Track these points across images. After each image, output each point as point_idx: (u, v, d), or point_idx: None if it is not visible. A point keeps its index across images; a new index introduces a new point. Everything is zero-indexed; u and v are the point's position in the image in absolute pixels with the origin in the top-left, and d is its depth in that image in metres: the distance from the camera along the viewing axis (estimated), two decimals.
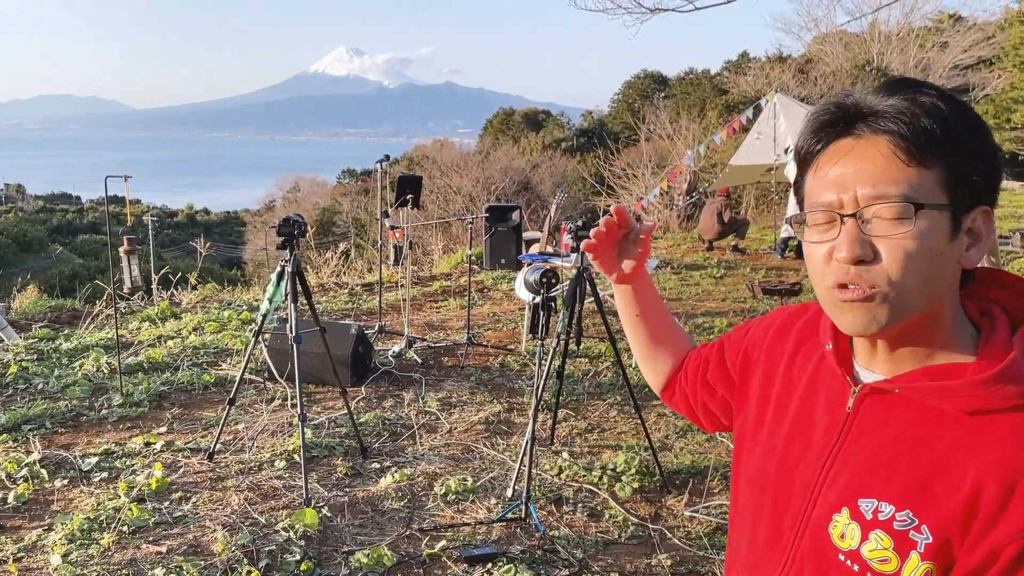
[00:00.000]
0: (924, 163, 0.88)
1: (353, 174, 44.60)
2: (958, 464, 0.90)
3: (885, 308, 0.90)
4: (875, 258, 0.89)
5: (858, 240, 0.89)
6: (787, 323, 1.21)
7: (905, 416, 0.96)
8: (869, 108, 0.91)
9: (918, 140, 0.87)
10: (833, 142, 0.93)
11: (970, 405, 0.90)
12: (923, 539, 0.90)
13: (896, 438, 0.96)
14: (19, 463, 4.03)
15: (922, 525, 0.90)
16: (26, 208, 60.66)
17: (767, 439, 1.13)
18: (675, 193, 17.01)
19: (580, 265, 4.11)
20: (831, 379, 1.07)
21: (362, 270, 10.94)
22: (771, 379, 1.17)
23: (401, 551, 3.32)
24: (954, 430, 0.91)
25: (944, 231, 0.89)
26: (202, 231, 40.69)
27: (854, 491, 0.97)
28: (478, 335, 6.75)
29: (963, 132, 0.88)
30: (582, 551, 3.39)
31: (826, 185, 0.93)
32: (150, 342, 6.34)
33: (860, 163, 0.90)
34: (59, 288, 11.91)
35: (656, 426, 4.84)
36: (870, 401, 0.99)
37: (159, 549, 3.28)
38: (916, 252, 0.88)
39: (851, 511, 0.97)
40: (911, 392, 0.95)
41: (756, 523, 1.13)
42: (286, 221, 3.89)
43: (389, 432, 4.64)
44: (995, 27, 26.57)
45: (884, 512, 0.93)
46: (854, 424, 1.00)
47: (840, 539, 0.97)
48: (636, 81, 39.53)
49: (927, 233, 0.88)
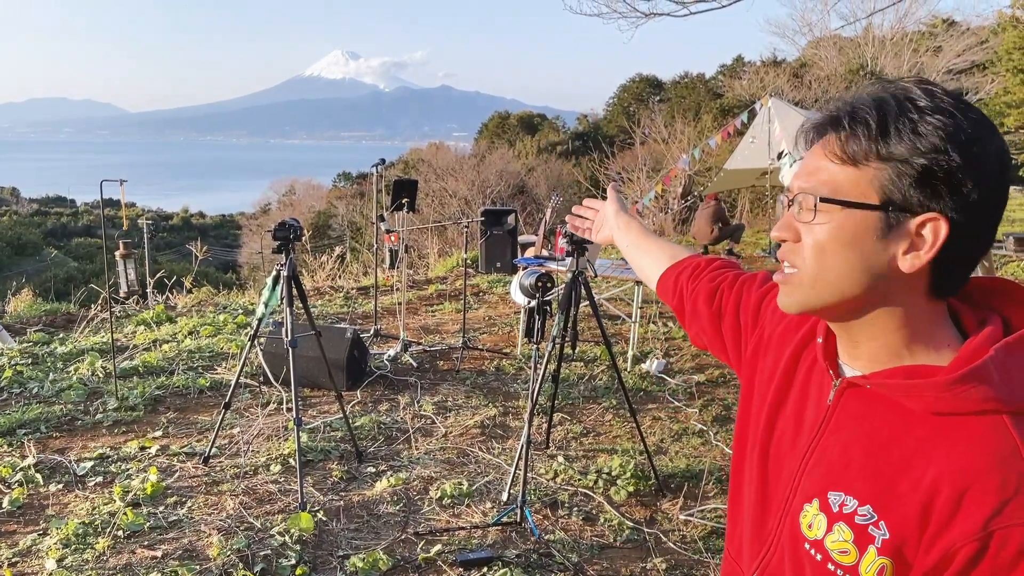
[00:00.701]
0: (855, 163, 0.92)
1: (349, 177, 44.59)
2: (920, 464, 0.91)
3: (797, 290, 0.99)
4: (797, 242, 0.98)
5: (786, 223, 0.99)
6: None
7: (879, 413, 0.98)
8: (832, 111, 0.97)
9: (850, 140, 0.92)
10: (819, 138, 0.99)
11: (936, 406, 0.91)
12: (881, 535, 0.93)
13: (869, 434, 0.98)
14: (14, 467, 4.03)
15: (880, 521, 0.93)
16: (21, 211, 60.48)
17: (764, 428, 1.16)
18: (670, 197, 17.04)
19: (575, 269, 4.12)
20: (821, 372, 1.10)
21: (358, 274, 10.94)
22: (776, 366, 1.19)
23: (397, 555, 3.32)
24: (922, 430, 0.93)
25: (870, 229, 0.91)
26: (198, 234, 40.63)
27: (826, 483, 1.00)
28: (474, 339, 6.76)
29: (908, 135, 0.88)
30: (577, 555, 3.40)
31: (795, 176, 1.01)
32: (145, 346, 6.33)
33: (810, 158, 0.98)
34: (54, 292, 11.89)
35: (651, 430, 4.85)
36: (848, 395, 1.02)
37: (154, 553, 3.27)
38: (826, 243, 0.94)
39: (820, 502, 1.00)
40: (882, 389, 0.97)
41: (748, 508, 1.17)
42: (282, 225, 3.89)
43: (384, 436, 4.64)
44: (988, 31, 26.68)
45: (848, 506, 0.96)
46: (833, 417, 1.03)
47: (808, 528, 1.01)
48: (631, 85, 39.61)
49: (843, 227, 0.93)
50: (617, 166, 21.45)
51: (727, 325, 1.33)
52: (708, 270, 1.43)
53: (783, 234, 0.99)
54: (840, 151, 0.93)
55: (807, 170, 0.98)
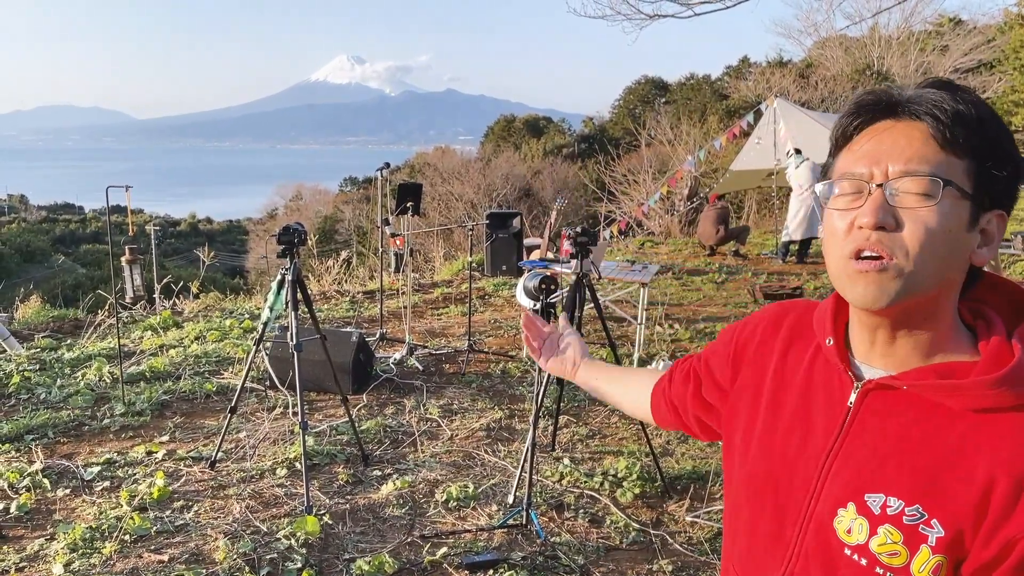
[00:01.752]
0: (956, 152, 0.91)
1: (355, 182, 44.72)
2: (968, 459, 0.91)
3: (896, 281, 0.92)
4: (896, 228, 0.91)
5: (882, 207, 0.92)
6: (776, 319, 1.21)
7: (909, 412, 0.97)
8: (911, 96, 0.94)
9: (954, 129, 0.90)
10: (873, 122, 0.96)
11: (979, 404, 0.92)
12: (934, 533, 0.92)
13: (902, 434, 0.97)
14: (21, 473, 4.04)
15: (932, 519, 0.92)
16: (29, 219, 60.79)
17: (762, 437, 1.13)
18: (676, 198, 17.02)
19: (580, 271, 4.12)
20: (829, 374, 1.07)
21: (364, 278, 10.95)
22: (763, 376, 1.17)
23: (402, 558, 3.32)
24: (961, 427, 0.93)
25: (963, 219, 0.92)
26: (205, 240, 40.78)
27: (860, 486, 0.98)
28: (479, 342, 6.76)
29: (994, 134, 0.92)
30: (583, 557, 3.39)
31: (860, 158, 0.96)
32: (152, 351, 6.35)
33: (896, 140, 0.93)
34: (62, 298, 11.93)
35: (657, 432, 4.84)
36: (873, 397, 1.00)
37: (161, 558, 3.28)
38: (936, 229, 0.90)
39: (858, 506, 0.97)
40: (919, 390, 0.96)
41: (756, 520, 1.12)
42: (286, 230, 3.90)
43: (390, 439, 4.64)
44: (995, 30, 26.57)
45: (893, 507, 0.94)
46: (856, 419, 1.01)
47: (847, 534, 0.98)
48: (637, 87, 39.59)
49: (948, 214, 0.91)
50: (623, 168, 21.43)
51: (706, 386, 1.30)
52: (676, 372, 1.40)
53: (886, 219, 0.92)
54: (947, 138, 0.91)
55: (906, 153, 0.92)
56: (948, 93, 0.93)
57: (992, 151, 0.92)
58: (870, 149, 0.95)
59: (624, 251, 12.64)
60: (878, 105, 0.96)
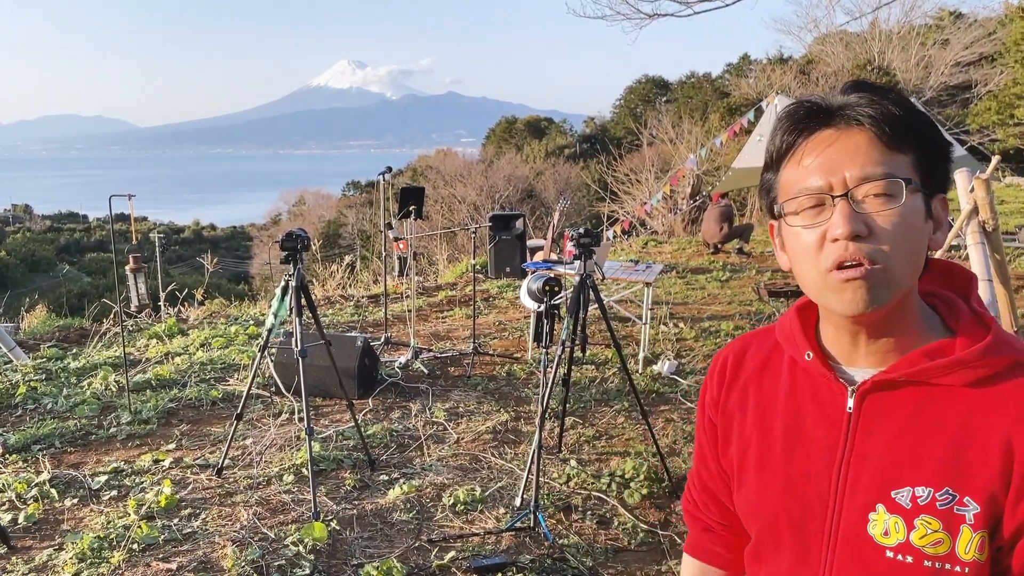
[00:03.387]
0: (900, 149, 0.94)
1: (358, 186, 44.77)
2: (980, 431, 0.93)
3: (883, 284, 0.93)
4: (869, 234, 0.93)
5: (852, 216, 0.92)
6: (736, 359, 1.20)
7: (910, 403, 0.98)
8: (841, 103, 0.96)
9: (894, 128, 0.93)
10: (812, 135, 0.97)
11: (975, 375, 0.94)
12: (970, 510, 0.92)
13: (907, 425, 0.97)
14: (29, 483, 4.05)
15: (965, 497, 0.93)
16: (34, 228, 60.99)
17: (759, 469, 1.11)
18: (679, 197, 17.00)
19: (583, 272, 4.11)
20: (814, 388, 1.07)
21: (367, 282, 10.96)
22: (744, 415, 1.16)
23: (411, 563, 3.32)
24: (963, 404, 0.95)
25: (921, 211, 0.95)
26: (209, 247, 40.87)
27: (883, 485, 0.98)
28: (484, 344, 6.75)
29: (924, 124, 0.95)
30: (592, 559, 3.38)
31: (811, 172, 0.96)
32: (158, 359, 6.36)
33: (844, 149, 0.94)
34: (67, 307, 11.98)
35: (664, 432, 4.83)
36: (871, 397, 1.00)
37: (169, 566, 3.28)
38: (904, 227, 0.93)
39: (887, 506, 0.97)
40: (916, 376, 0.97)
41: (776, 552, 1.10)
42: (289, 236, 3.90)
43: (396, 444, 4.64)
44: (996, 23, 26.52)
45: (923, 497, 0.95)
46: (860, 423, 1.01)
47: (884, 536, 0.97)
48: (638, 86, 39.61)
49: (910, 210, 0.93)
50: (625, 168, 21.42)
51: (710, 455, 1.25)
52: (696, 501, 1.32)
53: (860, 227, 0.92)
54: (890, 137, 0.93)
55: (858, 159, 0.93)
56: (875, 94, 0.95)
57: (927, 141, 0.95)
58: (821, 162, 0.95)
59: (628, 251, 12.63)
60: (813, 117, 0.97)
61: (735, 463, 1.16)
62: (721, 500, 1.25)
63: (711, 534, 1.30)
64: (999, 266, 3.38)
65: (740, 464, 1.15)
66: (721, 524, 1.27)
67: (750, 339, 1.21)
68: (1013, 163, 23.21)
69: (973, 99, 25.57)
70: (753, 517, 1.13)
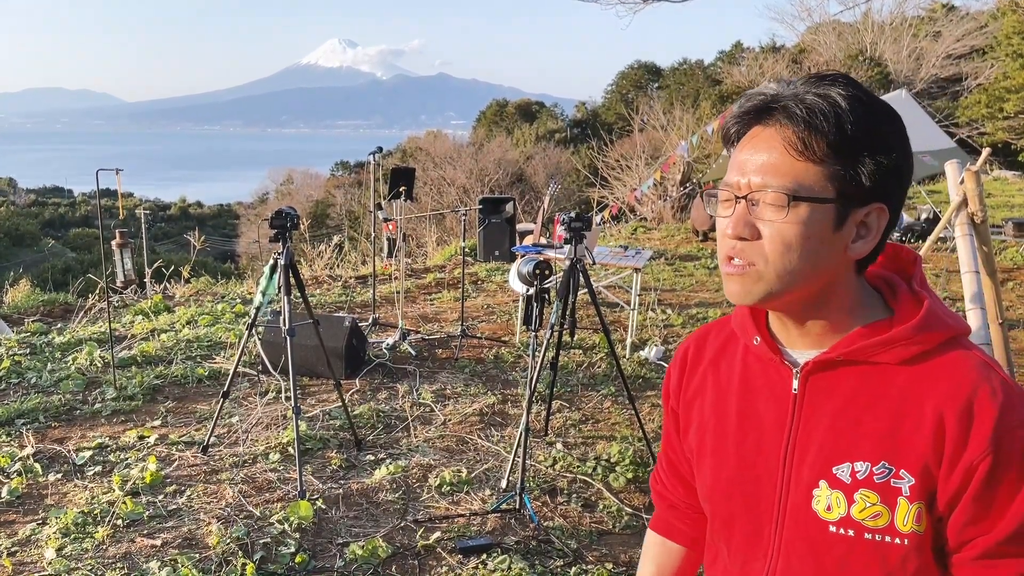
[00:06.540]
0: (812, 159, 0.94)
1: (347, 166, 44.53)
2: (915, 406, 0.96)
3: (758, 283, 0.98)
4: (757, 237, 0.97)
5: (743, 220, 0.98)
6: (697, 346, 1.25)
7: (850, 381, 1.01)
8: (780, 100, 0.97)
9: (810, 138, 0.94)
10: (749, 127, 1.00)
11: (908, 352, 0.98)
12: (905, 483, 0.96)
13: (848, 403, 1.01)
14: (12, 458, 4.03)
15: (900, 470, 0.96)
16: (18, 202, 60.34)
17: (714, 449, 1.16)
18: (669, 184, 16.99)
19: (573, 256, 4.11)
20: (763, 370, 1.11)
21: (356, 263, 10.92)
22: (703, 399, 1.20)
23: (396, 543, 3.33)
24: (900, 380, 0.98)
25: (827, 222, 0.96)
26: (195, 224, 40.54)
27: (825, 463, 1.01)
28: (472, 327, 6.75)
29: (862, 134, 0.94)
30: (576, 541, 3.40)
31: (733, 166, 1.01)
32: (143, 336, 6.32)
33: (759, 151, 0.97)
34: (52, 282, 11.85)
35: (650, 416, 4.85)
36: (814, 378, 1.04)
37: (154, 542, 3.28)
38: (792, 237, 0.95)
39: (829, 481, 1.01)
40: (853, 355, 1.00)
41: (730, 529, 1.15)
42: (278, 214, 3.87)
43: (383, 424, 4.64)
44: (988, 16, 26.56)
45: (861, 471, 0.98)
46: (804, 403, 1.05)
47: (827, 511, 1.01)
48: (630, 72, 39.49)
49: (807, 222, 0.95)
50: (616, 154, 21.38)
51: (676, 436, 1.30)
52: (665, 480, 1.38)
53: (744, 231, 0.98)
54: (802, 147, 0.94)
55: (764, 166, 0.96)
56: (817, 95, 0.95)
57: (860, 149, 0.94)
58: (743, 159, 0.99)
59: (617, 237, 12.63)
60: (751, 112, 1.00)
61: (695, 448, 1.21)
62: (688, 481, 1.30)
63: (675, 511, 1.36)
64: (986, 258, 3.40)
65: (699, 448, 1.19)
66: (686, 503, 1.33)
67: (711, 327, 1.26)
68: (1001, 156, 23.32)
69: (963, 92, 25.65)
70: (710, 498, 1.18)
